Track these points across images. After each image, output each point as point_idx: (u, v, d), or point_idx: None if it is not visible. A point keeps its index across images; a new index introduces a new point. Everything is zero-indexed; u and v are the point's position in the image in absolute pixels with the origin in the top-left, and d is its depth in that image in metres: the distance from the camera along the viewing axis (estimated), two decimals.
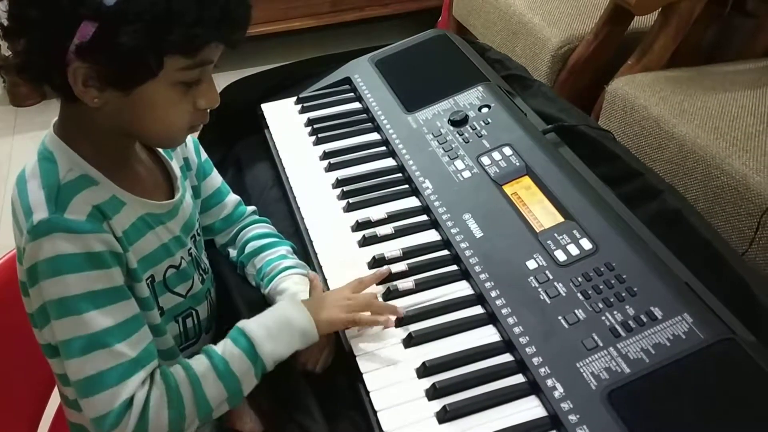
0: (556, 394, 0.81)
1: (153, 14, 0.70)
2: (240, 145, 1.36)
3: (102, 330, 0.77)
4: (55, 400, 1.09)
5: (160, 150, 0.93)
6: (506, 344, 0.89)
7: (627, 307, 0.86)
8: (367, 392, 0.85)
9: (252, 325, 0.86)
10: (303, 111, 1.36)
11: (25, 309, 0.86)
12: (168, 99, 0.77)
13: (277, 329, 0.86)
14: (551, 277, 0.92)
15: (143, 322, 0.82)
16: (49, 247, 0.75)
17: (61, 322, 0.77)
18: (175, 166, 0.94)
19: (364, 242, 1.05)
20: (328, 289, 0.99)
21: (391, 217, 1.09)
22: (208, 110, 0.82)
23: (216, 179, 1.06)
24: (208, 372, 0.82)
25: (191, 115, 0.80)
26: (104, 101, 0.75)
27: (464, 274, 0.98)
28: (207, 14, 0.72)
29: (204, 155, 1.04)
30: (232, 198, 1.08)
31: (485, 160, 1.11)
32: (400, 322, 0.92)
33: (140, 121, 0.79)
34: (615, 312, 0.86)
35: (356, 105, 1.37)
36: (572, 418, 0.78)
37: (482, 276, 0.95)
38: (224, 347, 0.84)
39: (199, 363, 0.83)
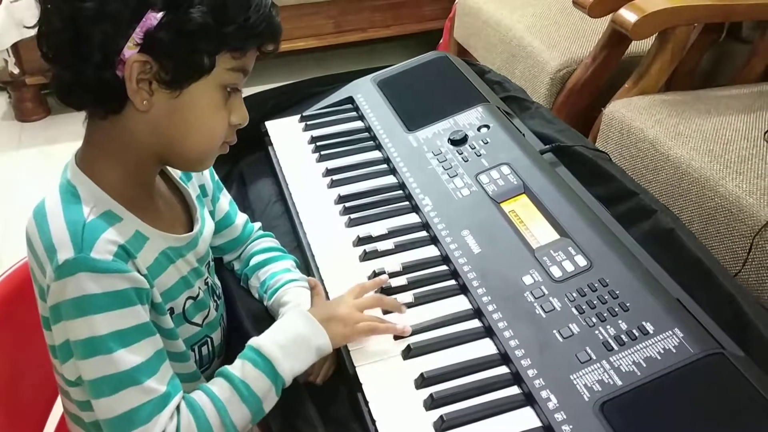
0: (551, 405, 0.82)
1: (212, 4, 0.75)
2: (244, 161, 1.38)
3: (132, 368, 0.76)
4: (58, 408, 1.10)
5: (179, 181, 0.94)
6: (502, 357, 0.91)
7: (620, 321, 0.88)
8: (367, 402, 0.87)
9: (268, 345, 0.85)
10: (306, 129, 1.39)
11: (46, 341, 0.86)
12: (211, 103, 0.80)
13: (293, 347, 0.86)
14: (547, 292, 0.94)
15: (166, 355, 0.82)
16: (74, 287, 0.75)
17: (89, 361, 0.76)
18: (193, 196, 0.95)
19: (365, 257, 1.07)
20: (329, 299, 1.01)
21: (392, 233, 1.11)
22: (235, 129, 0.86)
23: (225, 202, 1.06)
24: (232, 397, 0.82)
25: (226, 129, 0.84)
26: (151, 105, 0.77)
27: (462, 289, 1.01)
28: (255, 16, 0.78)
29: (216, 177, 1.05)
30: (241, 219, 1.08)
31: (484, 178, 1.14)
32: (400, 335, 0.94)
33: (181, 130, 0.80)
34: (608, 326, 0.88)
35: (358, 124, 1.39)
36: (566, 428, 0.80)
37: (480, 291, 0.98)
38: (243, 369, 0.83)
39: (222, 389, 0.82)
